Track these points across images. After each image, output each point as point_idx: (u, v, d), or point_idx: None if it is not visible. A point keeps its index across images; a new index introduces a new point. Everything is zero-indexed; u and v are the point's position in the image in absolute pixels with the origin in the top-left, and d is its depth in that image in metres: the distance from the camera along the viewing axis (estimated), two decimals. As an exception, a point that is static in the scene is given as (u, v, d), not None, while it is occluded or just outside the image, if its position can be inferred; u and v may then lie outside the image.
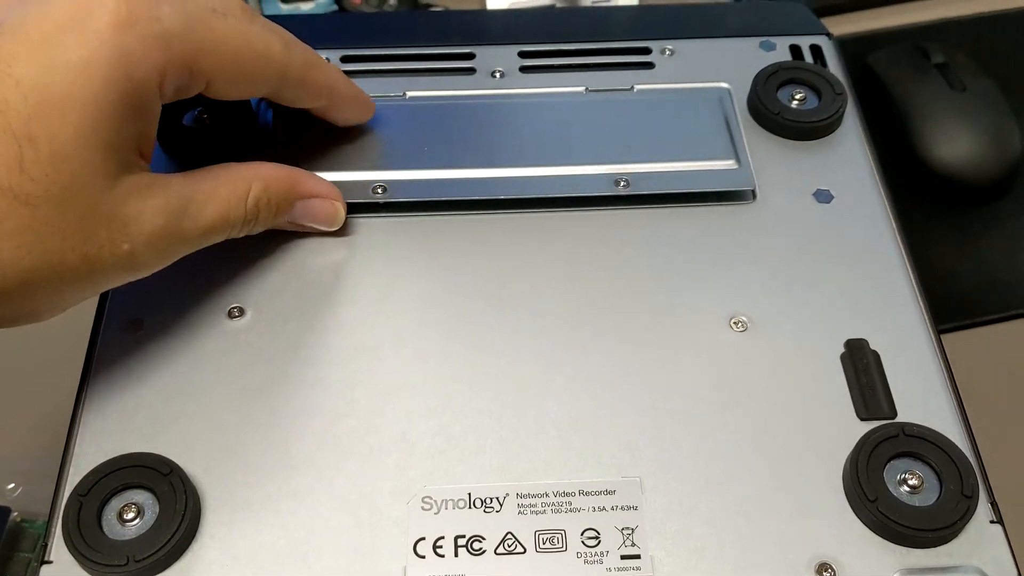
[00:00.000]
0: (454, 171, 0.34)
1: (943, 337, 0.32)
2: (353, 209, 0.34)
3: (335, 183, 0.33)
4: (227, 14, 0.29)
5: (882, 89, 0.52)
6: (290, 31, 0.31)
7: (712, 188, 0.34)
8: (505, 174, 0.34)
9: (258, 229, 0.32)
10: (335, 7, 0.57)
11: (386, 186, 0.34)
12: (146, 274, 0.29)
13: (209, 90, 0.29)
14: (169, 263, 0.29)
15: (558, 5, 0.55)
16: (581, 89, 0.37)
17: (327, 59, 0.38)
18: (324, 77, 0.33)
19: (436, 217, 0.34)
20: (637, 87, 0.37)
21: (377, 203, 0.34)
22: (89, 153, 0.26)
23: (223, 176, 0.30)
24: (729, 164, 0.34)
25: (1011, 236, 0.48)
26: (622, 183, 0.34)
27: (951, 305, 0.46)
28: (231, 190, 0.30)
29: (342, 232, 0.34)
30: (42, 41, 0.26)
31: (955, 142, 0.49)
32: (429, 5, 0.57)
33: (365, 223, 0.34)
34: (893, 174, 0.49)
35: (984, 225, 0.49)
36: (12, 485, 0.41)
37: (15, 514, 0.40)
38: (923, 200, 0.49)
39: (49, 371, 0.39)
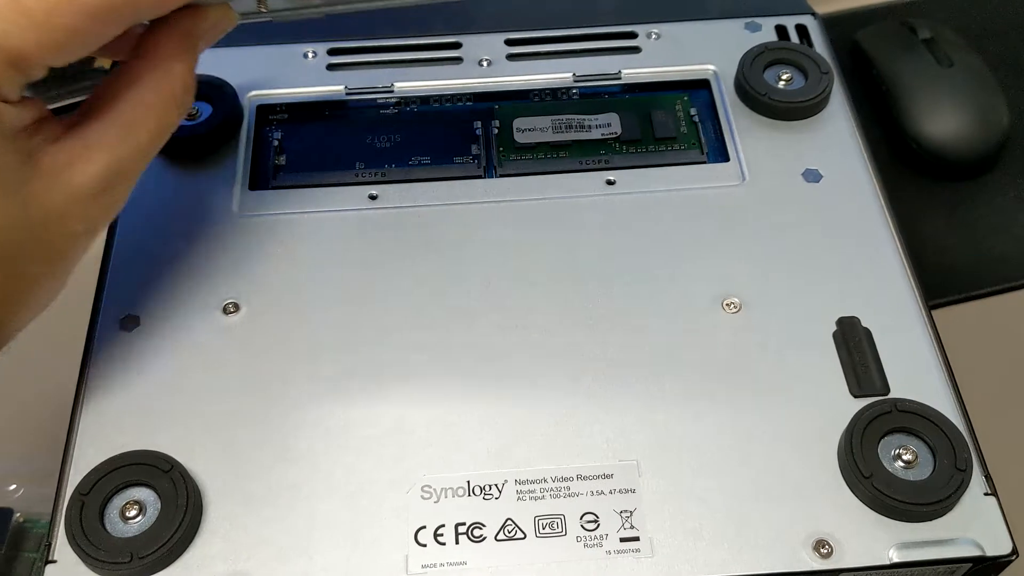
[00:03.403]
0: None
1: (935, 312, 0.32)
2: (346, 203, 0.34)
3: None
4: None
5: (870, 66, 0.52)
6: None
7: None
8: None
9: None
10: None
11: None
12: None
13: (57, 63, 0.25)
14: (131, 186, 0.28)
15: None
16: (569, 75, 0.38)
17: (313, 52, 0.38)
18: None
19: (427, 208, 0.34)
20: (624, 72, 0.38)
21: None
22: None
23: (135, 99, 0.27)
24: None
25: (1000, 210, 0.48)
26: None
27: (942, 279, 0.46)
28: (152, 109, 0.27)
29: (334, 226, 0.34)
30: None
31: (942, 118, 0.49)
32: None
33: (357, 217, 0.34)
34: (883, 150, 0.50)
35: (974, 199, 0.49)
36: (14, 486, 0.41)
37: (18, 515, 0.40)
38: (913, 176, 0.49)
39: (48, 370, 0.39)
